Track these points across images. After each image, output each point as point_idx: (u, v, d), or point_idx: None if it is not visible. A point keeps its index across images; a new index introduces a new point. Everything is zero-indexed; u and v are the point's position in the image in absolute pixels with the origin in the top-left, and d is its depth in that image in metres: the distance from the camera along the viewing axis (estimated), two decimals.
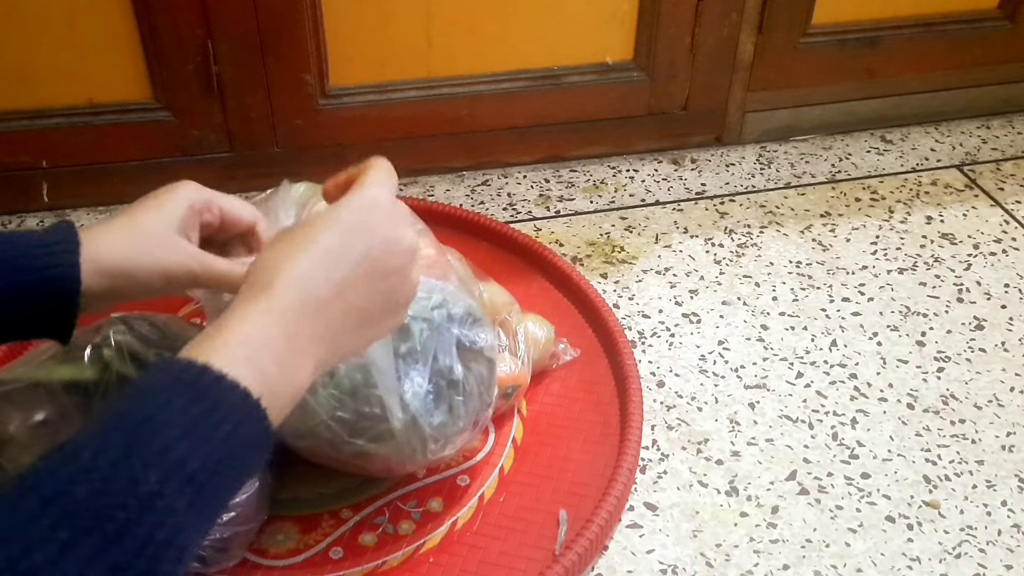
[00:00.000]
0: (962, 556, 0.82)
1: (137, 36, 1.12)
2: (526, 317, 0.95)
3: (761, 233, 1.22)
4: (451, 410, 0.76)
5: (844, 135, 1.43)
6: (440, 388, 0.75)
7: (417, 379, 0.74)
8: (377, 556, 0.80)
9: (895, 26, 1.35)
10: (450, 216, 1.18)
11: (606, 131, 1.33)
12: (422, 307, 0.76)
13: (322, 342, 0.55)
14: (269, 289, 0.53)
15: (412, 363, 0.74)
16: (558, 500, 0.85)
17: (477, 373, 0.78)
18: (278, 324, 0.52)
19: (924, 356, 1.03)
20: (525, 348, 0.91)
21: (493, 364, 0.80)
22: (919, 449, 0.92)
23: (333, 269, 0.56)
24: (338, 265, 0.56)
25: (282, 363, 0.52)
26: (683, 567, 0.81)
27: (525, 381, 0.91)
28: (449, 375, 0.75)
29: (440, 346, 0.75)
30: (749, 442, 0.93)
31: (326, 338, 0.55)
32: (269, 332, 0.52)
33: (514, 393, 0.89)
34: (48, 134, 1.16)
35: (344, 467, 0.80)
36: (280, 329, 0.52)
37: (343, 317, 0.56)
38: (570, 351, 0.98)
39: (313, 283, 0.55)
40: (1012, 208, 1.28)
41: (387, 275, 0.58)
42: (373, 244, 0.57)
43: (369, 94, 1.22)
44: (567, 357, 0.98)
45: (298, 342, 0.53)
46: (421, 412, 0.74)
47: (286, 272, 0.54)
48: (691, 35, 1.27)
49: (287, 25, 1.13)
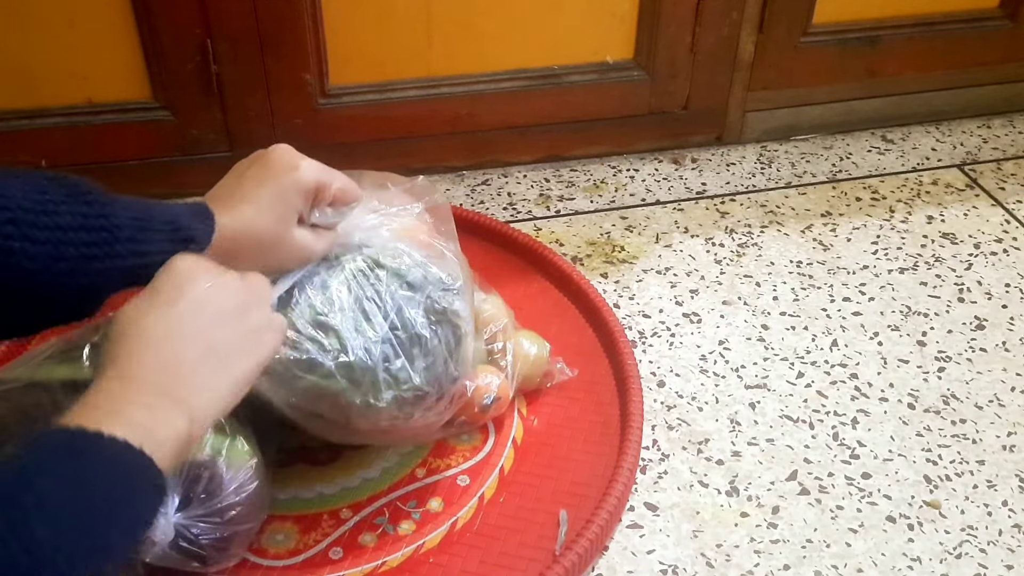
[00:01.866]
0: (963, 556, 0.82)
1: (136, 36, 1.12)
2: (520, 333, 0.94)
3: (762, 233, 1.21)
4: (411, 364, 0.75)
5: (845, 134, 1.42)
6: (400, 340, 0.75)
7: (377, 323, 0.74)
8: (377, 556, 0.79)
9: (896, 25, 1.35)
10: None
11: (606, 130, 1.33)
12: (400, 263, 0.76)
13: (177, 380, 0.57)
14: (115, 358, 0.57)
15: (376, 308, 0.75)
16: (558, 500, 0.84)
17: (444, 337, 0.77)
18: (125, 377, 0.56)
19: (925, 356, 1.03)
20: (511, 362, 0.90)
21: (461, 333, 0.79)
22: (920, 449, 0.92)
23: (160, 314, 0.59)
24: (164, 311, 0.59)
25: (150, 409, 0.55)
26: (683, 567, 0.81)
27: (506, 394, 0.89)
28: (411, 329, 0.75)
29: (408, 301, 0.76)
30: (750, 442, 0.93)
31: (178, 376, 0.58)
32: (120, 389, 0.55)
33: (493, 405, 0.87)
34: (47, 134, 1.16)
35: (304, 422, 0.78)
36: (128, 381, 0.56)
37: (187, 353, 0.59)
38: (567, 371, 0.95)
39: (143, 330, 0.58)
40: (1013, 208, 1.27)
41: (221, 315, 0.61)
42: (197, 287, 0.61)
43: (369, 93, 1.22)
44: (562, 377, 0.95)
45: (152, 387, 0.56)
46: (375, 352, 0.74)
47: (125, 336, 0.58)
48: (691, 34, 1.27)
49: (287, 24, 1.13)
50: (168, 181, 1.22)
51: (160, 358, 0.57)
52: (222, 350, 0.60)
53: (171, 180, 1.23)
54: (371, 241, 0.77)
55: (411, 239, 0.80)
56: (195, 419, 0.57)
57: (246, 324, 0.62)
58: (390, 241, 0.78)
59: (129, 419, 0.53)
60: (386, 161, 1.28)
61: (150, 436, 0.53)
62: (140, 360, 0.57)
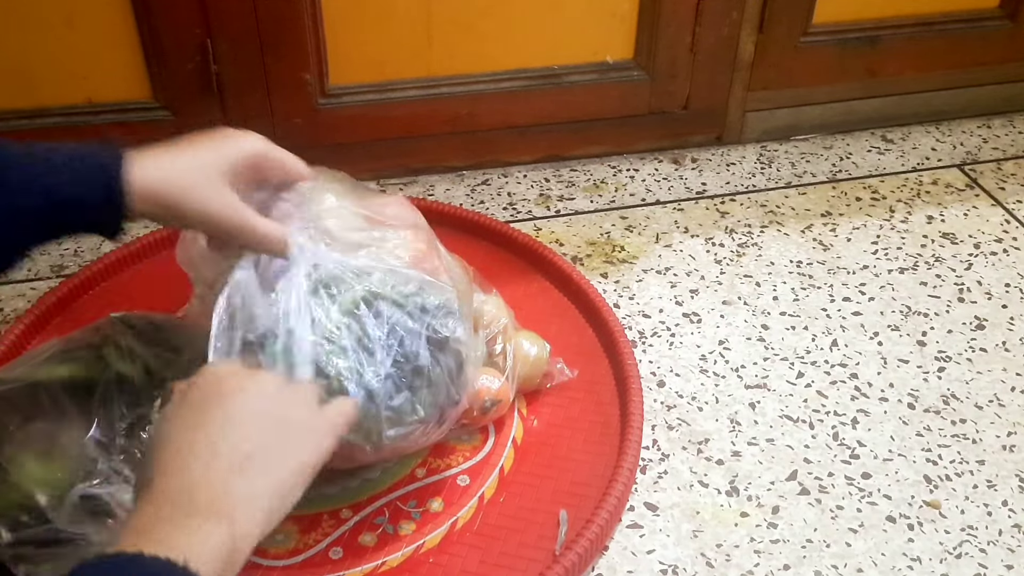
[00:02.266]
0: (963, 556, 0.82)
1: (136, 35, 1.12)
2: (520, 333, 0.93)
3: (762, 233, 1.21)
4: (412, 396, 0.75)
5: (845, 134, 1.42)
6: (403, 372, 0.74)
7: (379, 358, 0.73)
8: (377, 556, 0.79)
9: (896, 25, 1.35)
10: (450, 216, 1.17)
11: (606, 130, 1.33)
12: (396, 292, 0.75)
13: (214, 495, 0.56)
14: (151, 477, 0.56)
15: (377, 344, 0.74)
16: (558, 500, 0.84)
17: (445, 365, 0.76)
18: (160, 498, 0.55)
19: (925, 356, 1.03)
20: (512, 364, 0.89)
21: (463, 359, 0.78)
22: (920, 449, 0.92)
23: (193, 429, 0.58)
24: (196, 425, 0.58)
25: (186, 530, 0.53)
26: (683, 567, 0.81)
27: (507, 396, 0.88)
28: (414, 361, 0.74)
29: (408, 332, 0.75)
30: (750, 442, 0.93)
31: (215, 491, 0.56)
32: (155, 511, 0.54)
33: (493, 408, 0.87)
34: (48, 133, 1.16)
35: None
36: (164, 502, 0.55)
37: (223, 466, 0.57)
38: (566, 371, 0.95)
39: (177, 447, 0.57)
40: (1013, 208, 1.27)
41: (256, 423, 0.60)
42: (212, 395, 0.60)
43: (369, 93, 1.22)
44: (562, 377, 0.95)
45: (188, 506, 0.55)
46: (378, 391, 0.73)
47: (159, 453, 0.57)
48: (692, 34, 1.27)
49: (287, 24, 1.13)
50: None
51: (194, 475, 0.56)
52: (260, 458, 0.59)
53: None
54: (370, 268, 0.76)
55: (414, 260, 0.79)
56: (238, 533, 0.55)
57: (286, 428, 0.61)
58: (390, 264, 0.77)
59: (167, 541, 0.52)
60: (386, 161, 1.28)
61: (192, 555, 0.52)
62: (174, 478, 0.56)
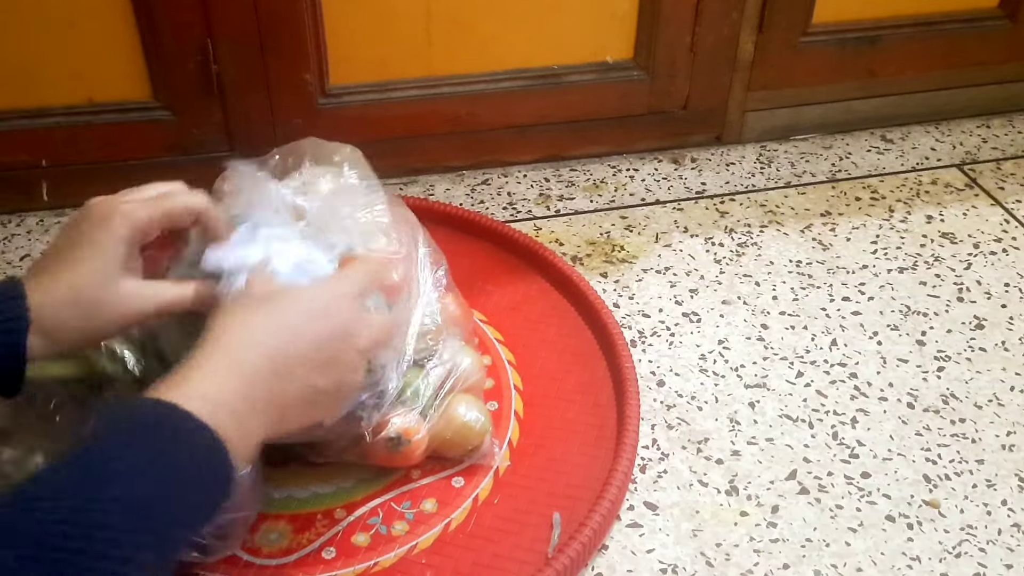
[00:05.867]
0: (962, 555, 0.82)
1: (137, 35, 1.12)
2: (462, 396, 0.85)
3: (761, 232, 1.21)
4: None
5: (844, 134, 1.42)
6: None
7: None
8: (370, 556, 0.79)
9: (895, 25, 1.35)
10: (450, 215, 1.18)
11: (606, 130, 1.33)
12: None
13: (273, 409, 0.59)
14: (232, 351, 0.58)
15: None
16: (552, 503, 0.84)
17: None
18: (237, 386, 0.56)
19: (924, 355, 1.03)
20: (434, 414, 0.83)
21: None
22: (919, 448, 0.92)
23: (292, 344, 0.60)
24: (297, 343, 0.61)
25: (239, 422, 0.56)
26: (683, 566, 0.81)
27: (416, 440, 0.82)
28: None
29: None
30: (749, 441, 0.93)
31: (276, 407, 0.59)
32: (228, 393, 0.56)
33: (400, 446, 0.81)
34: (48, 133, 1.16)
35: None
36: (238, 391, 0.56)
37: (295, 391, 0.60)
38: (496, 454, 0.87)
39: (273, 353, 0.59)
40: (1012, 207, 1.27)
41: (339, 364, 0.63)
42: (335, 332, 0.63)
43: (369, 93, 1.22)
44: (490, 460, 0.87)
45: (253, 404, 0.57)
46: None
47: (250, 338, 0.59)
48: (691, 34, 1.27)
49: (287, 24, 1.13)
50: (168, 181, 1.22)
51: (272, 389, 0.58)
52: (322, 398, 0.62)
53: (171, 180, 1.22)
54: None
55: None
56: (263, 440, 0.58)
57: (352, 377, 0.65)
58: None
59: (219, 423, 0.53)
60: (386, 161, 1.27)
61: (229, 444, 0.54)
62: (255, 379, 0.57)
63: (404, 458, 0.83)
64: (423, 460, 0.86)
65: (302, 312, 0.62)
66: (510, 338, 1.02)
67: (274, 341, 0.60)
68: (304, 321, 0.62)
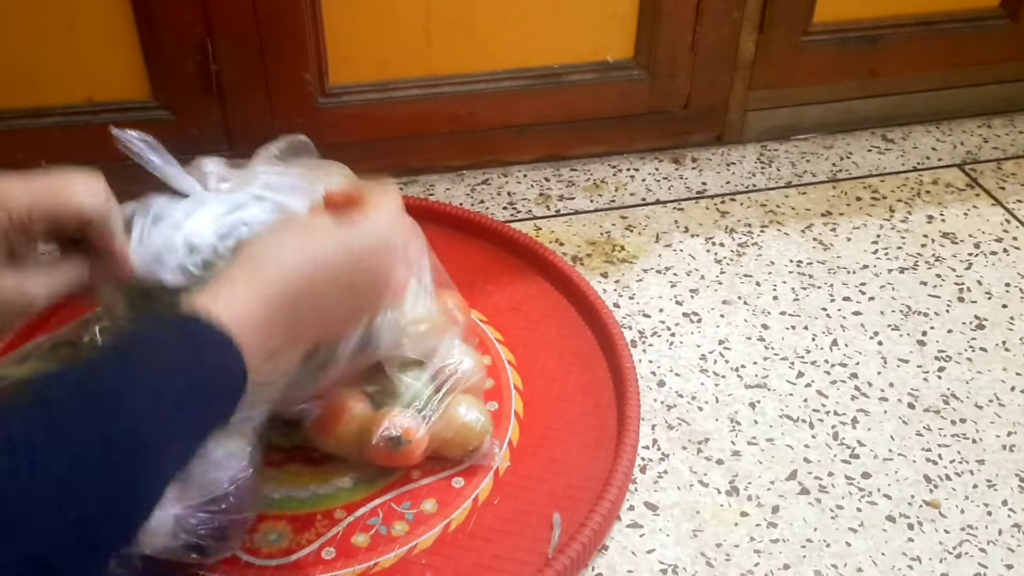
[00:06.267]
0: (963, 556, 0.82)
1: (136, 35, 1.12)
2: (462, 396, 0.86)
3: (762, 232, 1.21)
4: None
5: (845, 134, 1.42)
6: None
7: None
8: (369, 557, 0.79)
9: (896, 25, 1.35)
10: (450, 215, 1.17)
11: (606, 130, 1.33)
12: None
13: (287, 329, 0.61)
14: (261, 273, 0.60)
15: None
16: (553, 503, 0.84)
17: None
18: (261, 305, 0.58)
19: (925, 355, 1.03)
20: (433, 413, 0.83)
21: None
22: (920, 449, 0.92)
23: (325, 275, 0.63)
24: (330, 274, 0.63)
25: (258, 337, 0.58)
26: (683, 567, 0.81)
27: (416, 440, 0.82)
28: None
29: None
30: (750, 442, 0.92)
31: (294, 328, 0.61)
32: (252, 309, 0.58)
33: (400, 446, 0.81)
34: (47, 133, 1.16)
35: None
36: (262, 309, 0.58)
37: (314, 315, 0.63)
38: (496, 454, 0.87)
39: (299, 279, 0.61)
40: (1013, 207, 1.27)
41: (363, 292, 0.66)
42: (370, 272, 0.66)
43: (369, 93, 1.22)
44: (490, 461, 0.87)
45: (273, 325, 0.59)
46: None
47: (279, 262, 0.61)
48: (692, 33, 1.26)
49: (287, 24, 1.13)
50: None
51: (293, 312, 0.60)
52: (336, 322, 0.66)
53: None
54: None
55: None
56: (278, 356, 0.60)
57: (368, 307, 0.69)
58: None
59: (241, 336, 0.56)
60: (386, 161, 1.28)
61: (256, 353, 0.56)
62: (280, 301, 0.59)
63: (404, 458, 0.83)
64: (423, 460, 0.85)
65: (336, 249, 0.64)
66: (510, 338, 1.01)
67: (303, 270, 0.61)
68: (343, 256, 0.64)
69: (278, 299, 0.59)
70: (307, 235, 0.63)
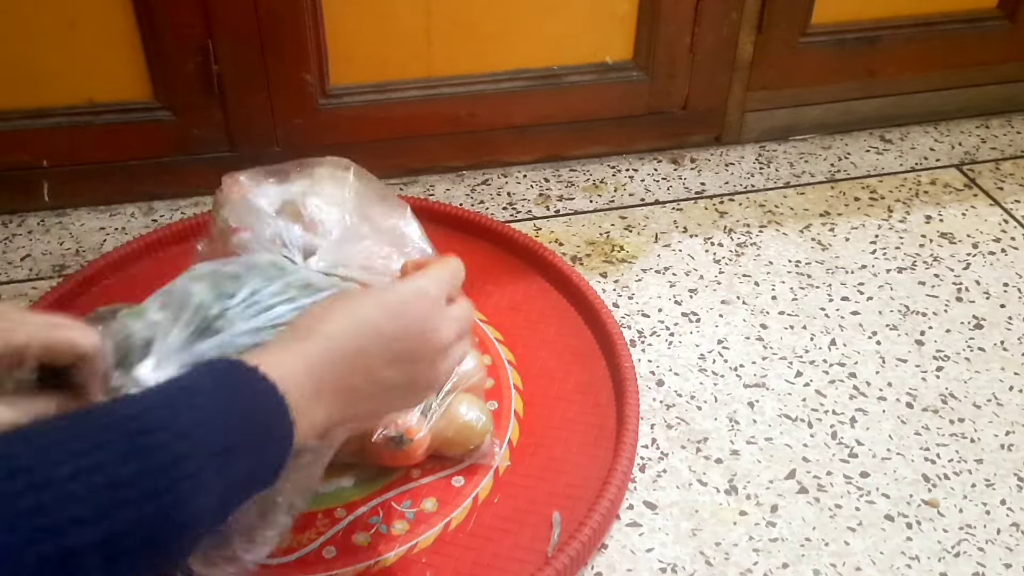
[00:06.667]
0: (961, 555, 0.83)
1: (138, 35, 1.12)
2: (463, 396, 0.86)
3: (760, 232, 1.22)
4: None
5: (843, 134, 1.43)
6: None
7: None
8: (370, 556, 0.80)
9: (895, 26, 1.35)
10: (450, 216, 1.18)
11: (606, 130, 1.33)
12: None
13: (339, 397, 0.58)
14: (308, 338, 0.58)
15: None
16: (552, 502, 0.84)
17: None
18: (306, 367, 0.57)
19: (923, 355, 1.03)
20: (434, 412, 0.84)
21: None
22: (918, 448, 0.93)
23: (369, 338, 0.60)
24: (374, 336, 0.60)
25: (304, 401, 0.55)
26: (682, 565, 0.81)
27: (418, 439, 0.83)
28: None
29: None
30: (748, 441, 0.93)
31: (344, 396, 0.59)
32: (297, 373, 0.56)
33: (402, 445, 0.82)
34: (49, 133, 1.16)
35: None
36: (306, 372, 0.56)
37: (365, 383, 0.60)
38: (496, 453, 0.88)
39: (348, 343, 0.59)
40: (1011, 207, 1.28)
41: (415, 360, 0.62)
42: (411, 328, 0.62)
43: (369, 93, 1.22)
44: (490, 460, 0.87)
45: (319, 387, 0.57)
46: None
47: (327, 327, 0.59)
48: (691, 35, 1.27)
49: (287, 24, 1.13)
50: (169, 181, 1.23)
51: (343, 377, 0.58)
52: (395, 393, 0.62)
53: (172, 180, 1.23)
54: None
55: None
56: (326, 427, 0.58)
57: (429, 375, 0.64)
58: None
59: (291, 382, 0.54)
60: (386, 161, 1.28)
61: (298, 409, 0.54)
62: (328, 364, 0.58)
63: (406, 457, 0.83)
64: (423, 459, 0.86)
65: (382, 308, 0.62)
66: (510, 338, 1.02)
67: (351, 333, 0.60)
68: (384, 318, 0.61)
69: (327, 364, 0.58)
70: (356, 303, 0.62)
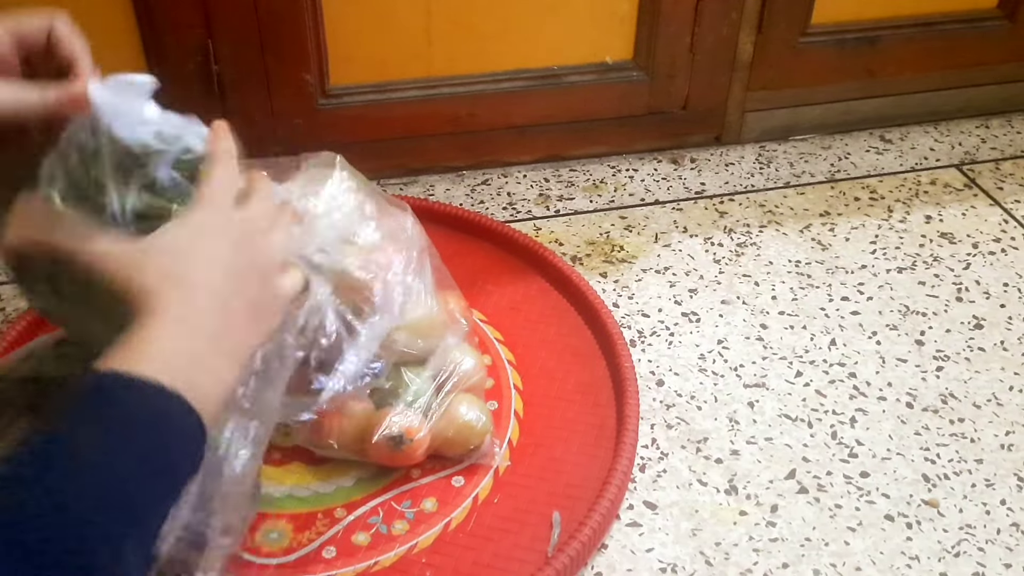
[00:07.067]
0: (961, 555, 0.83)
1: (138, 35, 1.12)
2: (463, 396, 0.86)
3: (760, 232, 1.22)
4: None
5: (843, 134, 1.43)
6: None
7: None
8: (370, 556, 0.80)
9: (894, 25, 1.35)
10: (450, 216, 1.18)
11: (606, 130, 1.33)
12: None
13: (229, 335, 0.56)
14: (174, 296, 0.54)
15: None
16: (552, 502, 0.84)
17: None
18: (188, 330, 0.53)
19: (923, 355, 1.03)
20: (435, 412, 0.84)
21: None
22: (918, 448, 0.93)
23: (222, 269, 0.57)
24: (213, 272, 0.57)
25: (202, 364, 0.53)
26: (682, 565, 0.81)
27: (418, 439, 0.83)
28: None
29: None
30: (748, 441, 0.93)
31: (231, 333, 0.56)
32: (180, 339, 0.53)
33: (402, 445, 0.82)
34: None
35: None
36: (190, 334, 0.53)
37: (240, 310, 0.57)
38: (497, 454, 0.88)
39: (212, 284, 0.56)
40: (1011, 207, 1.28)
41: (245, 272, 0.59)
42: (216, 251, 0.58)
43: (369, 93, 1.22)
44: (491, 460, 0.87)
45: (211, 341, 0.54)
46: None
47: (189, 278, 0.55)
48: (691, 35, 1.27)
49: (287, 24, 1.13)
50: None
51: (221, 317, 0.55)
52: (260, 308, 0.59)
53: None
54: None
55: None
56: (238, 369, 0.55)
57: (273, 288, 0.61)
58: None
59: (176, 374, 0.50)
60: (386, 161, 1.28)
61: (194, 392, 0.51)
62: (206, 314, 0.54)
63: (406, 457, 0.83)
64: (423, 459, 0.86)
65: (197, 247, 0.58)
66: (510, 338, 1.02)
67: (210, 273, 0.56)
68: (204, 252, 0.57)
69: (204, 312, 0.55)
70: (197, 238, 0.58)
